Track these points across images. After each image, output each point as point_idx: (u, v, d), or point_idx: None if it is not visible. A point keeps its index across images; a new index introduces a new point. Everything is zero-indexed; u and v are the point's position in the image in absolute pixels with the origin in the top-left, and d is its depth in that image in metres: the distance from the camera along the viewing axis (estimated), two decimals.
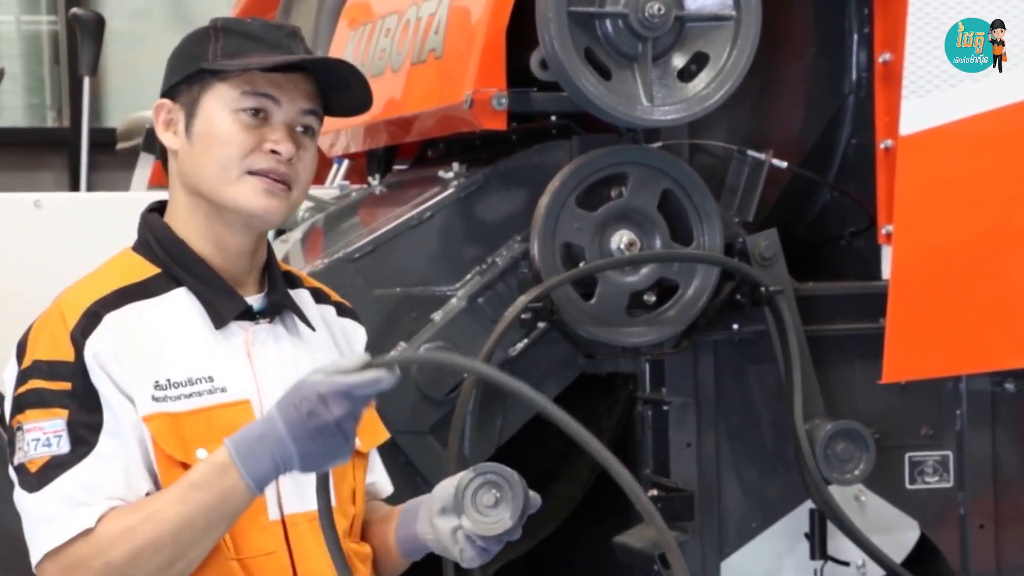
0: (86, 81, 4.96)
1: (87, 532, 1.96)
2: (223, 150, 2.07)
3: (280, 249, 3.42)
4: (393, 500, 2.30)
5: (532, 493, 2.05)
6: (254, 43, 2.09)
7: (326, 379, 1.88)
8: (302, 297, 2.21)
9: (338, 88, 2.14)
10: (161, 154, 2.18)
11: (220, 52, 2.09)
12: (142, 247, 2.14)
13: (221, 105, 2.08)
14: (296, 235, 3.52)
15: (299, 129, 2.11)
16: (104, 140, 5.25)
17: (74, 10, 5.23)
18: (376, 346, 2.88)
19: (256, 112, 2.08)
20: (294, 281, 2.23)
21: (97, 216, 2.22)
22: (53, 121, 7.81)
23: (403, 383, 2.87)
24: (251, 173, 2.07)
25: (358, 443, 2.15)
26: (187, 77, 2.10)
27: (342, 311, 2.28)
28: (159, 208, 2.18)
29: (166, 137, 2.13)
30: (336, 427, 1.89)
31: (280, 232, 3.72)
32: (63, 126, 7.60)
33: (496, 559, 3.08)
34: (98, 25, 4.88)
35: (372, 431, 2.22)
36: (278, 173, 2.08)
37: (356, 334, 2.29)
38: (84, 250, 2.19)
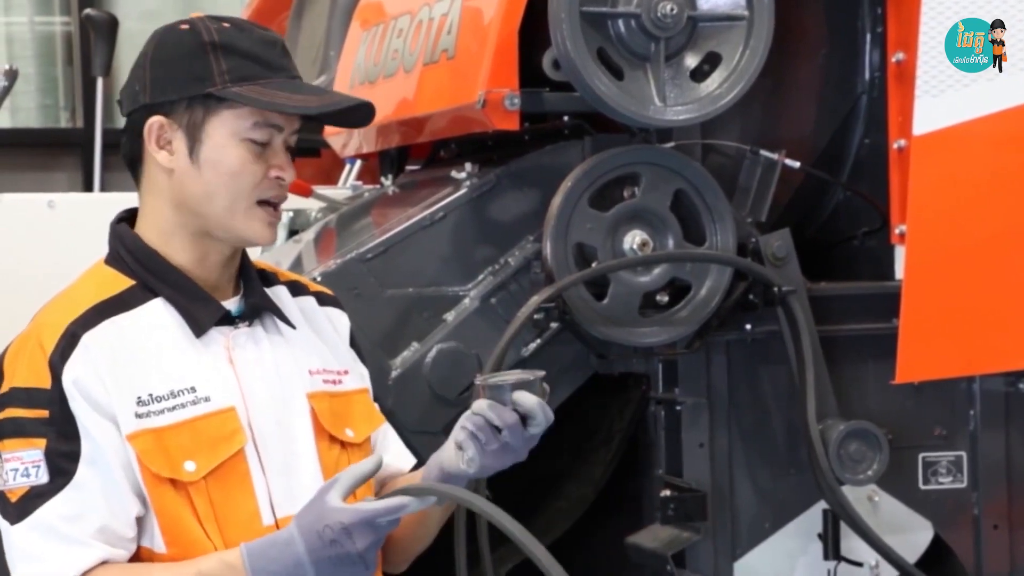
0: (99, 82, 4.97)
1: None
2: (236, 181, 2.07)
3: (293, 250, 3.42)
4: None
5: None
6: (259, 67, 2.07)
7: (350, 509, 1.92)
8: (279, 294, 2.21)
9: (337, 113, 2.15)
10: (129, 162, 2.14)
11: (227, 76, 2.06)
12: (114, 260, 2.12)
13: (229, 133, 2.07)
14: (309, 235, 3.52)
15: (288, 145, 2.13)
16: (117, 141, 5.24)
17: (87, 11, 5.24)
18: (389, 346, 2.90)
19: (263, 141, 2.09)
20: (269, 278, 2.22)
21: (110, 217, 2.22)
22: (66, 122, 7.82)
23: (416, 384, 2.89)
24: (260, 203, 2.09)
25: (351, 434, 2.16)
26: (189, 98, 2.07)
27: (322, 300, 2.27)
28: (127, 217, 2.16)
29: (160, 156, 2.09)
30: (359, 557, 1.93)
31: (293, 232, 3.72)
32: (76, 127, 7.61)
33: (508, 559, 3.10)
34: (111, 26, 4.90)
35: (366, 419, 2.21)
36: (281, 198, 2.11)
37: (341, 321, 2.28)
38: (97, 251, 2.19)
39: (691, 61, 2.89)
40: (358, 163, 4.07)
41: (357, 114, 2.16)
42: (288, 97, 2.06)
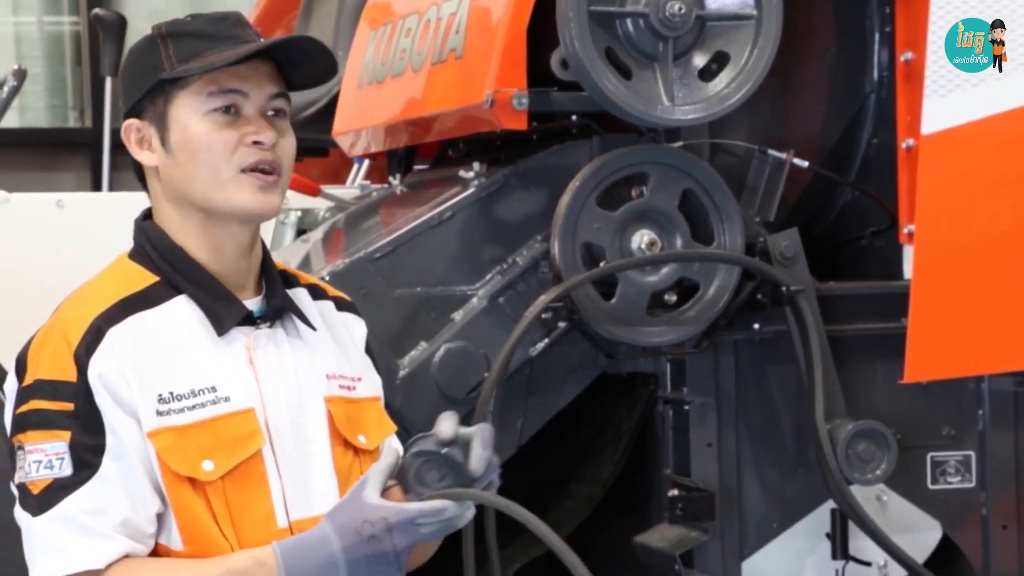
0: (108, 81, 4.97)
1: (93, 573, 1.96)
2: (208, 155, 2.05)
3: (301, 249, 3.43)
4: None
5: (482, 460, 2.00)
6: (206, 41, 2.06)
7: (394, 506, 1.92)
8: (299, 296, 2.19)
9: (300, 63, 2.12)
10: (137, 173, 2.15)
11: (175, 58, 2.06)
12: (139, 255, 2.12)
13: (190, 112, 2.06)
14: (317, 235, 3.53)
15: (270, 113, 2.09)
16: None
17: (96, 11, 5.25)
18: (397, 346, 2.91)
19: (227, 109, 2.06)
20: (290, 280, 2.21)
21: (118, 216, 2.22)
22: (75, 122, 7.82)
23: (424, 383, 2.89)
24: (242, 171, 2.06)
25: (363, 441, 2.15)
26: (148, 92, 2.08)
27: (341, 305, 2.27)
28: (151, 216, 2.15)
29: (143, 156, 2.10)
30: (394, 556, 1.93)
31: (301, 232, 3.73)
32: (85, 127, 7.61)
33: (516, 559, 3.10)
34: (120, 26, 4.90)
35: (378, 426, 2.21)
36: (267, 163, 2.07)
37: (357, 327, 2.27)
38: (105, 250, 2.19)
39: (699, 60, 2.89)
40: (366, 162, 4.07)
41: (315, 67, 2.12)
42: (223, 55, 2.04)
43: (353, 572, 1.94)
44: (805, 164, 3.09)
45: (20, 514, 2.01)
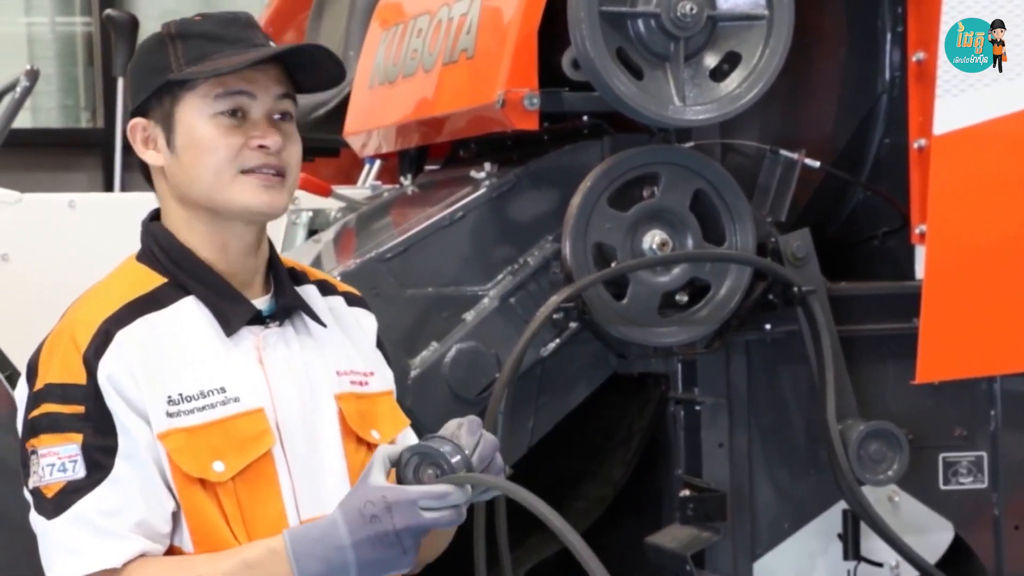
0: (120, 82, 4.98)
1: (111, 572, 1.97)
2: (212, 157, 2.05)
3: (312, 250, 3.43)
4: None
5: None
6: (215, 43, 2.06)
7: (394, 487, 1.92)
8: (309, 293, 2.19)
9: (307, 67, 2.12)
10: (143, 172, 2.15)
11: (183, 60, 2.06)
12: (146, 257, 2.12)
13: (197, 113, 2.06)
14: (328, 235, 3.53)
15: (277, 117, 2.09)
16: None
17: (108, 11, 5.25)
18: (408, 346, 2.91)
19: (234, 112, 2.06)
20: (299, 277, 2.21)
21: (131, 217, 2.23)
22: (87, 122, 7.84)
23: (435, 383, 2.89)
24: (244, 172, 2.06)
25: (377, 436, 2.15)
26: (155, 92, 2.08)
27: (351, 300, 2.26)
28: (158, 217, 2.16)
29: (148, 155, 2.10)
30: (396, 536, 1.92)
31: (312, 232, 3.73)
32: (97, 127, 7.62)
33: (526, 559, 3.10)
34: (132, 26, 4.91)
35: (391, 421, 2.21)
36: (270, 166, 2.07)
37: (367, 322, 2.27)
38: (118, 250, 2.19)
39: (711, 61, 2.89)
40: (377, 163, 4.07)
41: (322, 71, 2.12)
42: (230, 60, 2.04)
43: (360, 555, 1.93)
44: (817, 164, 3.08)
45: (35, 518, 2.01)
